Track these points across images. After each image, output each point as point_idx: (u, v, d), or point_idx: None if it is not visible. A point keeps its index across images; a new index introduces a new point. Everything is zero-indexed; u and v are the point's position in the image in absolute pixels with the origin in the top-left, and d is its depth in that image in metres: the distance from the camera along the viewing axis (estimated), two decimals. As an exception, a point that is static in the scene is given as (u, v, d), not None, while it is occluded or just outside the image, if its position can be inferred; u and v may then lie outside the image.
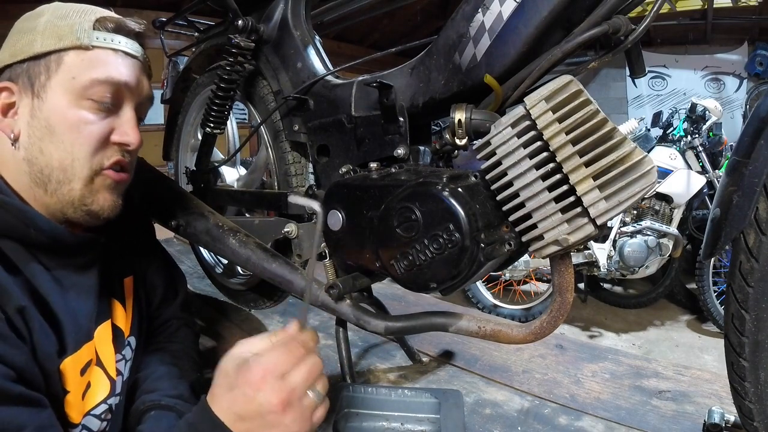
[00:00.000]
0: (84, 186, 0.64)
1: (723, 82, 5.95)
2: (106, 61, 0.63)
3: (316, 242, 0.63)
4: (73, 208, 0.65)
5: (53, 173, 0.63)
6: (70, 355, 0.62)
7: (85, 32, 0.63)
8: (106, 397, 0.68)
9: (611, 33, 0.60)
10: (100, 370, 0.68)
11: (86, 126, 0.63)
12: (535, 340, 0.66)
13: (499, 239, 0.62)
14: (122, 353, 0.74)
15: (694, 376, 1.08)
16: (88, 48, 0.62)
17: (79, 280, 0.67)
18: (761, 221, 0.59)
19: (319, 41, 1.04)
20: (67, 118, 0.62)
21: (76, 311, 0.64)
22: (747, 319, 0.62)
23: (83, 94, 0.62)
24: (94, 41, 0.63)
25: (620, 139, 0.53)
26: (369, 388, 0.77)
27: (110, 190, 0.67)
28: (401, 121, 0.77)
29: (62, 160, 0.62)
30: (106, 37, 0.64)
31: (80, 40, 0.62)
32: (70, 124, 0.62)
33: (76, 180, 0.64)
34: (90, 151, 0.63)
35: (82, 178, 0.64)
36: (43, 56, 0.62)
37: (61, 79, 0.62)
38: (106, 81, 0.63)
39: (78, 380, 0.63)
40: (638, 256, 2.89)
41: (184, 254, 2.01)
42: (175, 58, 1.41)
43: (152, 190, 1.10)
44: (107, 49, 0.64)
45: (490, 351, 1.18)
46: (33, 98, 0.62)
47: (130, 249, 0.81)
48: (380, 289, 1.48)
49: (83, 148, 0.63)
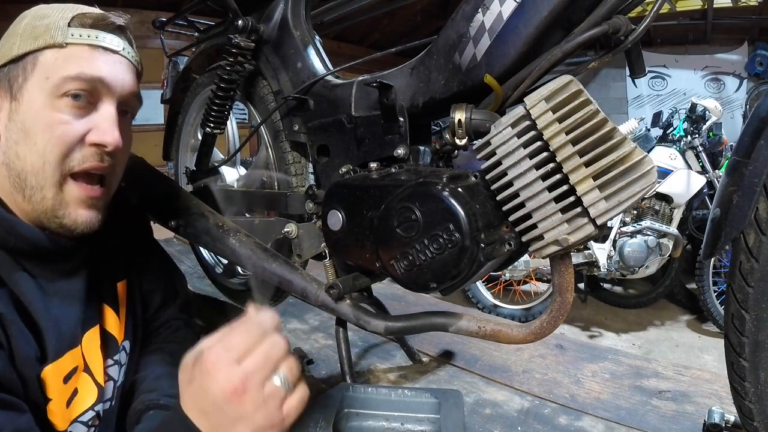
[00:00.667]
0: (55, 195, 0.61)
1: (723, 82, 5.95)
2: (80, 56, 0.60)
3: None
4: (47, 218, 0.62)
5: (28, 178, 0.60)
6: (51, 363, 0.60)
7: (59, 30, 0.60)
8: (94, 404, 0.66)
9: (611, 33, 0.60)
10: (87, 377, 0.66)
11: (59, 126, 0.59)
12: (535, 340, 0.66)
13: (499, 239, 0.62)
14: (115, 358, 0.73)
15: (694, 376, 1.08)
16: (62, 46, 0.60)
17: (65, 286, 0.65)
18: (761, 221, 0.59)
19: (319, 41, 1.04)
20: (40, 118, 0.59)
21: (60, 318, 0.63)
22: (747, 319, 0.62)
23: (56, 93, 0.59)
24: (69, 38, 0.60)
25: (620, 139, 0.53)
26: (369, 388, 0.77)
27: (84, 206, 0.63)
28: (401, 121, 0.77)
29: (34, 163, 0.60)
30: (82, 33, 0.61)
31: (54, 39, 0.60)
32: (43, 124, 0.59)
33: (47, 187, 0.61)
34: (61, 152, 0.60)
35: (53, 184, 0.61)
36: (21, 58, 0.60)
37: (37, 80, 0.60)
38: (77, 77, 0.60)
39: (61, 388, 0.62)
40: (638, 256, 2.89)
41: (184, 254, 2.02)
42: (175, 58, 1.41)
43: (152, 190, 1.10)
44: (82, 45, 0.61)
45: (490, 351, 1.18)
46: (11, 101, 0.60)
47: (126, 252, 0.80)
48: (380, 289, 1.48)
49: (54, 149, 0.60)
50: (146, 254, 0.87)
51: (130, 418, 0.72)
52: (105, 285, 0.74)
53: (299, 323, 1.36)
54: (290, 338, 1.26)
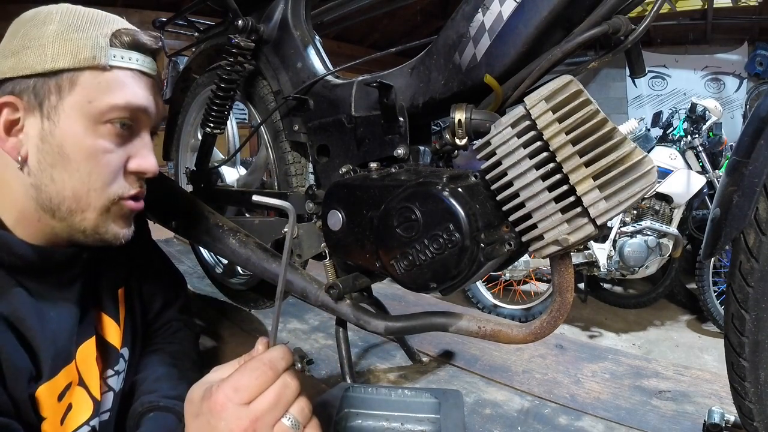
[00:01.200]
0: (98, 216, 0.61)
1: (723, 82, 5.96)
2: (124, 83, 0.59)
3: (287, 248, 0.53)
4: (84, 235, 0.61)
5: (64, 202, 0.59)
6: (45, 382, 0.59)
7: (102, 50, 0.57)
8: (89, 419, 0.65)
9: (611, 33, 0.60)
10: (82, 391, 0.65)
11: (104, 155, 0.59)
12: (535, 340, 0.66)
13: (499, 239, 0.62)
14: (115, 368, 0.71)
15: (694, 376, 1.08)
16: (106, 68, 0.58)
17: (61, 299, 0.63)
18: (761, 221, 0.59)
19: (319, 41, 1.04)
20: (83, 146, 0.57)
21: (56, 335, 0.61)
22: (747, 319, 0.62)
23: (100, 119, 0.58)
24: (111, 60, 0.58)
25: (620, 139, 0.53)
26: (369, 388, 0.76)
27: (125, 219, 0.64)
28: (401, 121, 0.77)
29: (76, 189, 0.58)
30: (123, 56, 0.59)
31: (97, 60, 0.57)
32: (86, 152, 0.58)
33: (90, 210, 0.60)
34: (107, 181, 0.60)
35: (98, 208, 0.60)
36: (54, 74, 0.56)
37: (76, 102, 0.57)
38: (125, 107, 0.59)
39: (55, 406, 0.60)
40: (638, 256, 2.90)
41: (184, 254, 2.02)
42: (175, 58, 1.42)
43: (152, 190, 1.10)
44: (125, 69, 0.59)
45: (490, 351, 1.18)
46: (42, 119, 0.57)
47: (125, 257, 0.78)
48: (380, 289, 1.49)
49: (100, 178, 0.59)
50: (145, 258, 0.86)
51: (129, 420, 0.72)
52: (104, 293, 0.72)
53: (299, 323, 1.36)
54: (290, 338, 1.26)
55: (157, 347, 0.85)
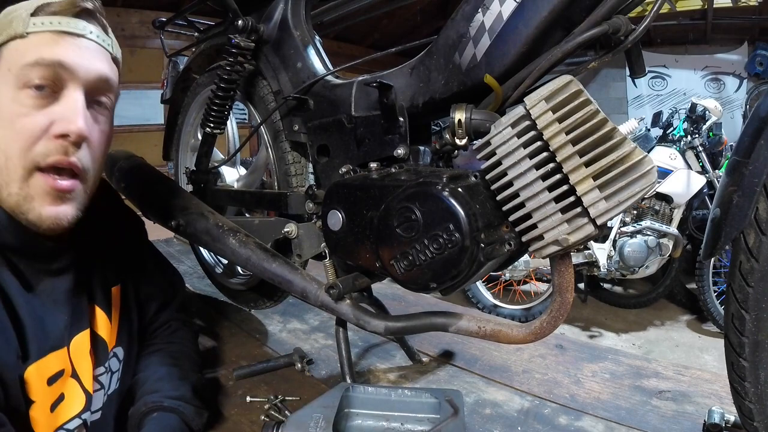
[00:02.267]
0: (19, 190, 0.58)
1: (723, 82, 5.95)
2: (40, 44, 0.57)
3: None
4: (14, 214, 0.59)
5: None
6: (33, 362, 0.58)
7: (21, 20, 0.57)
8: (80, 412, 0.65)
9: (611, 33, 0.60)
10: (75, 383, 0.65)
11: (18, 119, 0.56)
12: (535, 340, 0.66)
13: (499, 239, 0.62)
14: (106, 365, 0.71)
15: (694, 376, 1.08)
16: (23, 36, 0.57)
17: (52, 286, 0.63)
18: (761, 221, 0.59)
19: (319, 41, 1.04)
20: (3, 114, 0.57)
21: (44, 318, 0.61)
22: (747, 319, 0.62)
23: (18, 84, 0.57)
24: (30, 27, 0.57)
25: (620, 139, 0.53)
26: (369, 388, 0.76)
27: (51, 199, 0.59)
28: (401, 121, 0.77)
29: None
30: (44, 21, 0.58)
31: (15, 30, 0.57)
32: (5, 119, 0.57)
33: (12, 182, 0.57)
34: (22, 146, 0.56)
35: (17, 179, 0.57)
36: None
37: (1, 75, 0.57)
38: (36, 63, 0.56)
39: (45, 390, 0.60)
40: (638, 256, 2.90)
41: (184, 254, 2.01)
42: (175, 58, 1.41)
43: (152, 190, 1.10)
44: (44, 33, 0.58)
45: (490, 351, 1.18)
46: None
47: (120, 255, 0.78)
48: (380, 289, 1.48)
49: (15, 144, 0.56)
50: (141, 258, 0.86)
51: (131, 419, 0.72)
52: (97, 288, 0.72)
53: (299, 323, 1.36)
54: (290, 338, 1.26)
55: (158, 347, 0.85)
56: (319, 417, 0.66)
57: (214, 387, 0.97)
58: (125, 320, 0.78)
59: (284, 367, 1.06)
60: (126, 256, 0.81)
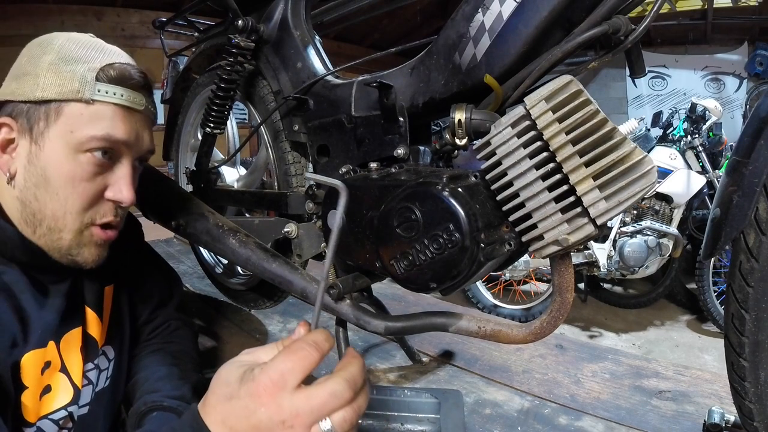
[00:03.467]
0: (73, 238, 0.65)
1: (723, 82, 5.95)
2: (105, 116, 0.62)
3: (337, 227, 0.51)
4: (59, 254, 0.66)
5: (44, 220, 0.63)
6: (32, 350, 0.62)
7: (87, 84, 0.61)
8: (67, 404, 0.67)
9: (611, 33, 0.60)
10: (63, 377, 0.67)
11: (81, 183, 0.63)
12: (535, 340, 0.66)
13: (499, 239, 0.62)
14: (95, 362, 0.73)
15: (694, 376, 1.08)
16: (89, 102, 0.61)
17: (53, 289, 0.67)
18: (761, 221, 0.59)
19: (319, 41, 1.04)
20: (62, 172, 0.62)
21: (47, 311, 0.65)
22: (747, 319, 0.62)
23: (80, 148, 0.62)
24: (96, 95, 0.62)
25: (620, 139, 0.53)
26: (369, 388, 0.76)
27: (97, 246, 0.68)
28: (401, 121, 0.77)
29: (55, 211, 0.63)
30: (108, 90, 0.62)
31: (81, 93, 0.61)
32: (65, 178, 0.62)
33: (66, 231, 0.64)
34: (82, 206, 0.64)
35: (73, 230, 0.64)
36: (44, 103, 0.61)
37: (60, 131, 0.61)
38: (104, 138, 0.62)
39: (37, 378, 0.63)
40: (638, 256, 2.89)
41: (184, 254, 2.01)
42: (175, 58, 1.41)
43: (152, 190, 1.10)
44: (108, 104, 0.63)
45: (490, 351, 1.18)
46: (31, 143, 0.62)
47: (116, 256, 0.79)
48: (380, 289, 1.48)
49: (76, 203, 0.63)
50: (138, 259, 0.87)
51: (130, 418, 0.72)
52: (90, 288, 0.74)
53: (299, 323, 1.36)
54: (290, 338, 1.26)
55: (158, 347, 0.85)
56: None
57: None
58: (116, 320, 0.79)
59: (284, 367, 1.06)
60: (122, 257, 0.81)
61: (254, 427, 0.42)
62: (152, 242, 0.97)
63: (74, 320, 0.70)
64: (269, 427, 0.42)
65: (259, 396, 0.42)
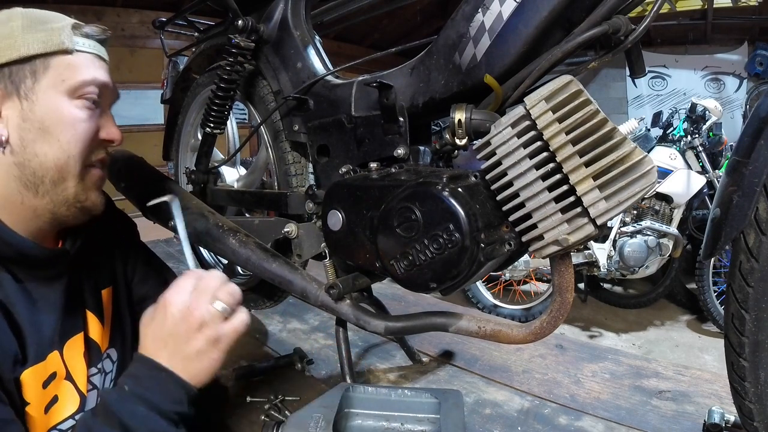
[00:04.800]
0: (77, 183, 0.67)
1: (723, 82, 5.95)
2: (88, 64, 0.67)
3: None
4: (66, 206, 0.67)
5: (48, 173, 0.64)
6: (30, 366, 0.62)
7: (68, 37, 0.65)
8: (74, 413, 0.67)
9: (611, 33, 0.60)
10: (69, 385, 0.67)
11: (81, 123, 0.65)
12: (535, 340, 0.66)
13: (499, 239, 0.62)
14: (98, 366, 0.73)
15: (694, 376, 1.08)
16: (71, 52, 0.65)
17: (47, 293, 0.67)
18: (761, 221, 0.59)
19: (319, 41, 1.04)
20: (62, 116, 0.64)
21: (42, 323, 0.65)
22: (747, 319, 0.62)
23: (73, 95, 0.65)
24: (78, 46, 0.66)
25: (620, 139, 0.53)
26: (369, 388, 0.76)
27: (97, 188, 0.71)
28: (401, 121, 0.77)
29: (58, 159, 0.64)
30: (84, 42, 0.67)
31: (65, 45, 0.64)
32: (66, 122, 0.64)
33: (70, 177, 0.66)
34: (84, 147, 0.66)
35: (76, 175, 0.66)
36: (27, 61, 0.62)
37: (51, 82, 0.63)
38: (92, 82, 0.66)
39: (40, 392, 0.63)
40: (638, 256, 2.89)
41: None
42: (175, 58, 1.41)
43: (152, 190, 1.10)
44: (87, 54, 0.67)
45: (490, 351, 1.18)
46: (21, 101, 0.63)
47: (112, 257, 0.81)
48: (380, 289, 1.49)
49: (78, 144, 0.65)
50: (134, 259, 0.87)
51: None
52: (88, 292, 0.74)
53: (299, 323, 1.36)
54: (290, 338, 1.26)
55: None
56: (319, 417, 0.66)
57: (214, 387, 0.97)
58: (117, 322, 0.79)
59: (284, 367, 1.06)
60: (118, 258, 0.82)
61: (171, 325, 0.58)
62: (152, 242, 0.97)
63: (75, 326, 0.70)
64: (181, 315, 0.58)
65: (166, 304, 0.59)
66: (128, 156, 1.18)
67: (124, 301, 0.81)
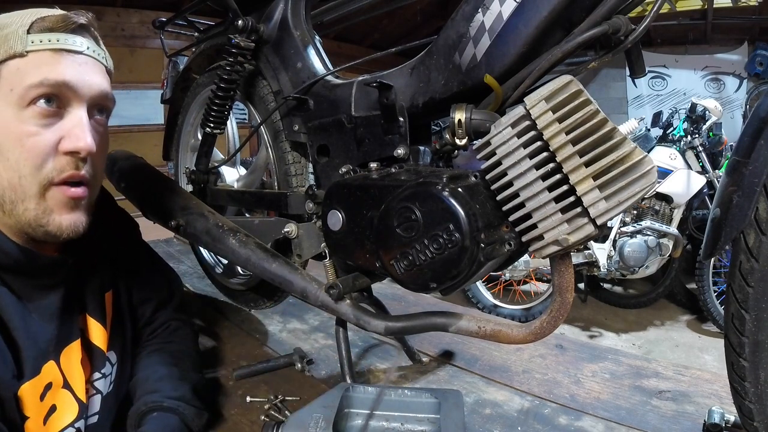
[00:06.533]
0: (37, 205, 0.59)
1: (723, 82, 5.95)
2: (42, 63, 0.58)
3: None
4: (31, 228, 0.61)
5: (5, 193, 0.59)
6: (28, 381, 0.60)
7: (18, 38, 0.57)
8: (74, 421, 0.65)
9: (611, 33, 0.60)
10: (67, 393, 0.65)
11: (28, 138, 0.57)
12: (535, 340, 0.66)
13: (499, 239, 0.62)
14: (102, 371, 0.72)
15: (694, 376, 1.08)
16: (23, 55, 0.57)
17: (43, 302, 0.64)
18: (761, 221, 0.59)
19: (319, 41, 1.04)
20: (10, 133, 0.57)
21: (38, 335, 0.62)
22: (747, 319, 0.62)
23: (22, 104, 0.57)
24: (29, 46, 0.57)
25: (620, 139, 0.53)
26: (369, 388, 0.76)
27: (68, 209, 0.61)
28: (401, 121, 0.77)
29: (10, 179, 0.58)
30: (42, 38, 0.58)
31: (13, 49, 0.57)
32: (13, 139, 0.57)
33: (27, 199, 0.59)
34: (35, 165, 0.58)
35: (33, 195, 0.59)
36: None
37: (2, 94, 0.57)
38: (41, 84, 0.57)
39: (38, 405, 0.61)
40: (638, 256, 2.89)
41: (184, 254, 2.01)
42: (175, 58, 1.41)
43: (152, 190, 1.10)
44: (43, 51, 0.58)
45: (490, 351, 1.18)
46: None
47: (113, 260, 0.79)
48: (380, 289, 1.48)
49: (28, 162, 0.57)
50: (136, 260, 0.86)
51: (130, 419, 0.72)
52: (90, 297, 0.73)
53: (299, 323, 1.36)
54: (290, 338, 1.26)
55: (158, 347, 0.85)
56: (319, 417, 0.66)
57: (214, 387, 0.97)
58: (118, 324, 0.78)
59: (284, 367, 1.06)
60: (119, 259, 0.81)
61: None
62: (152, 242, 0.97)
63: (71, 334, 0.68)
64: None
65: None
66: (128, 156, 1.18)
67: (125, 304, 0.81)
